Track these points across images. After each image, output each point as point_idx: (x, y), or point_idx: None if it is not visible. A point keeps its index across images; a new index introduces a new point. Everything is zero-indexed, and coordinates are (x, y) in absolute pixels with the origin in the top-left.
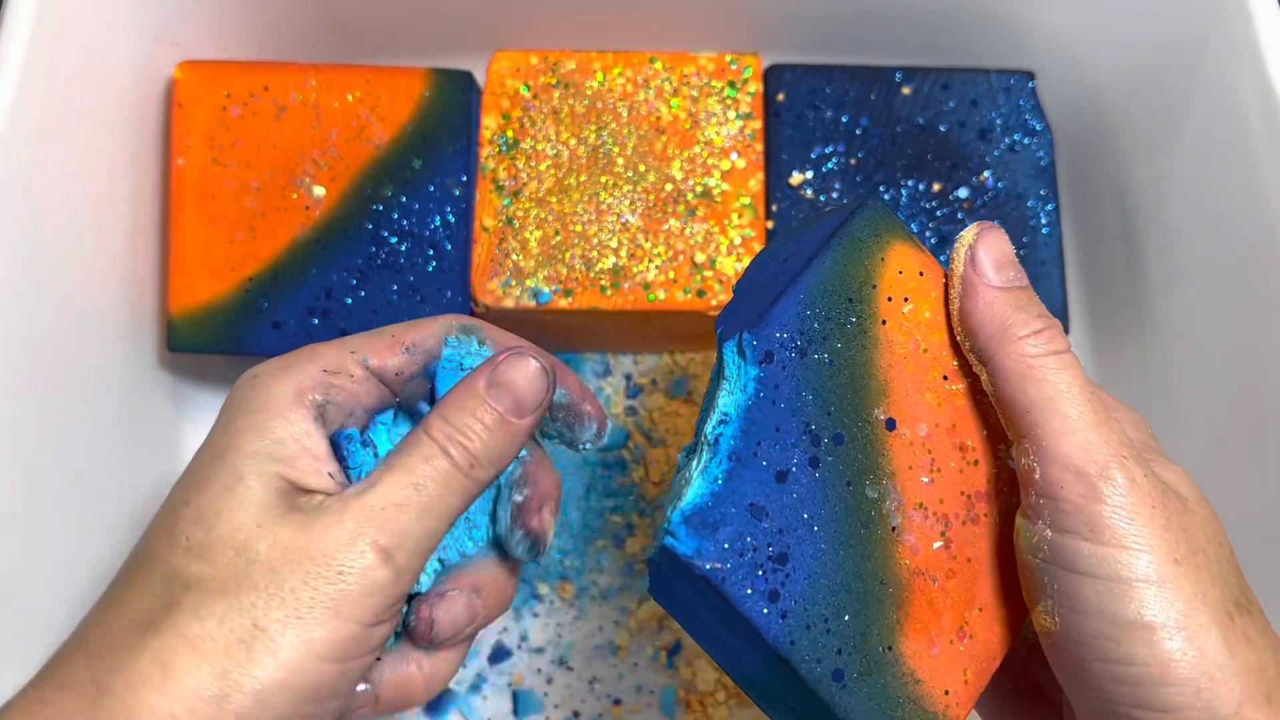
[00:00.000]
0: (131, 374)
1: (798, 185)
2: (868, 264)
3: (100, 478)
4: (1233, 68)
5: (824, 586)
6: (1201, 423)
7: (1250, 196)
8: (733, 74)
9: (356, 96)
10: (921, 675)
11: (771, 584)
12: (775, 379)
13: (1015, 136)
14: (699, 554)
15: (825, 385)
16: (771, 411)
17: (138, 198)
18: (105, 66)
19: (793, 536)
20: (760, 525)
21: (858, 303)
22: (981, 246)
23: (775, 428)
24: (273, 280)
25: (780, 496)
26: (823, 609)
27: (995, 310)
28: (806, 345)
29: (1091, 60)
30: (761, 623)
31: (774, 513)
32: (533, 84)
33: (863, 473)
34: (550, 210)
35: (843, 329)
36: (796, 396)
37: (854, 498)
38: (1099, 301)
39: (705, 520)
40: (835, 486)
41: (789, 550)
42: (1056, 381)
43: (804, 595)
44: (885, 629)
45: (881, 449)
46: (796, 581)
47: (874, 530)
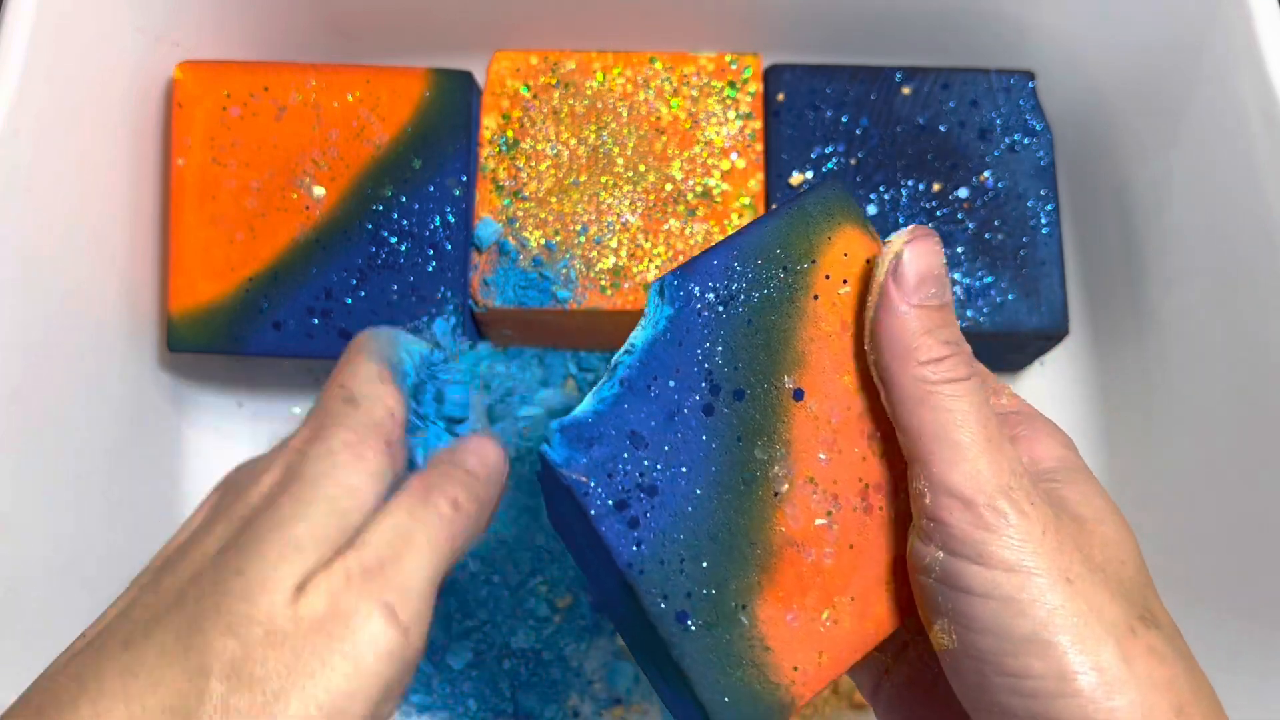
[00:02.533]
0: (131, 374)
1: (798, 185)
2: (812, 239)
3: (100, 478)
4: (1233, 68)
5: (688, 529)
6: (1201, 422)
7: (1250, 196)
8: (733, 74)
9: (356, 96)
10: (771, 644)
11: (634, 511)
12: (687, 323)
13: (1015, 136)
14: (567, 464)
15: (738, 342)
16: (676, 353)
17: (138, 198)
18: (105, 66)
19: (668, 474)
20: (637, 454)
21: (791, 273)
22: (908, 256)
23: (676, 369)
24: (273, 280)
25: (665, 433)
26: (681, 550)
27: (903, 329)
28: (728, 299)
29: (1091, 60)
30: (614, 543)
31: (654, 446)
32: (533, 84)
33: (756, 432)
34: (550, 210)
35: (768, 293)
36: (705, 345)
37: (742, 454)
38: (1099, 301)
39: (581, 435)
40: (724, 438)
41: (660, 485)
42: (951, 409)
43: (665, 531)
44: (743, 588)
45: (782, 415)
46: (660, 516)
47: (755, 490)
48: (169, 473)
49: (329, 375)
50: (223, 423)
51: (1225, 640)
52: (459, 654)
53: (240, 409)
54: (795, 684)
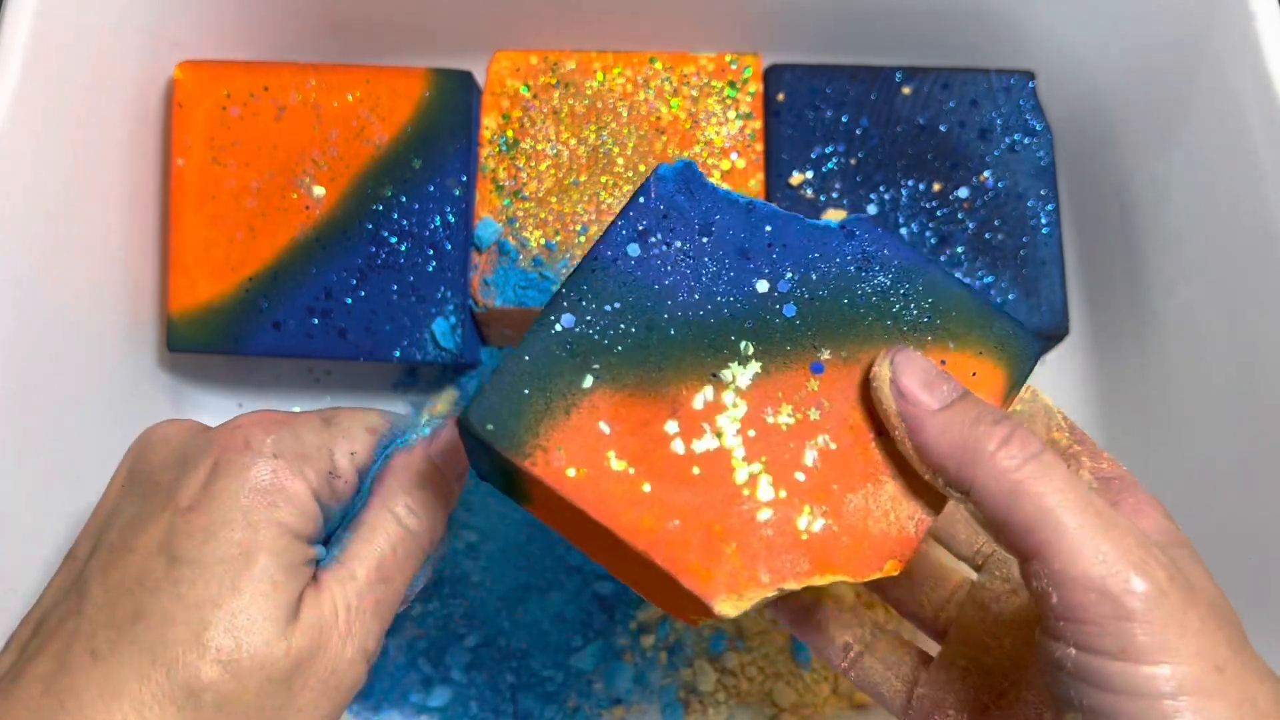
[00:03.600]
0: (131, 374)
1: (798, 185)
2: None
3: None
4: (1233, 68)
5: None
6: (1201, 422)
7: (1250, 196)
8: (733, 74)
9: (356, 96)
10: (563, 443)
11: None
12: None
13: (1015, 136)
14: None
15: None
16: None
17: (138, 198)
18: (105, 66)
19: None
20: (672, 226)
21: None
22: (902, 376)
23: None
24: (273, 280)
25: (687, 253)
26: (607, 306)
27: (952, 435)
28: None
29: (1091, 60)
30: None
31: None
32: (533, 84)
33: (758, 334)
34: (550, 210)
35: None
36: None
37: (743, 304)
38: (1099, 301)
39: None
40: (724, 281)
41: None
42: (1045, 492)
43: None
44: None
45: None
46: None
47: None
48: None
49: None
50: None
51: None
52: (458, 656)
53: (240, 409)
54: (548, 464)
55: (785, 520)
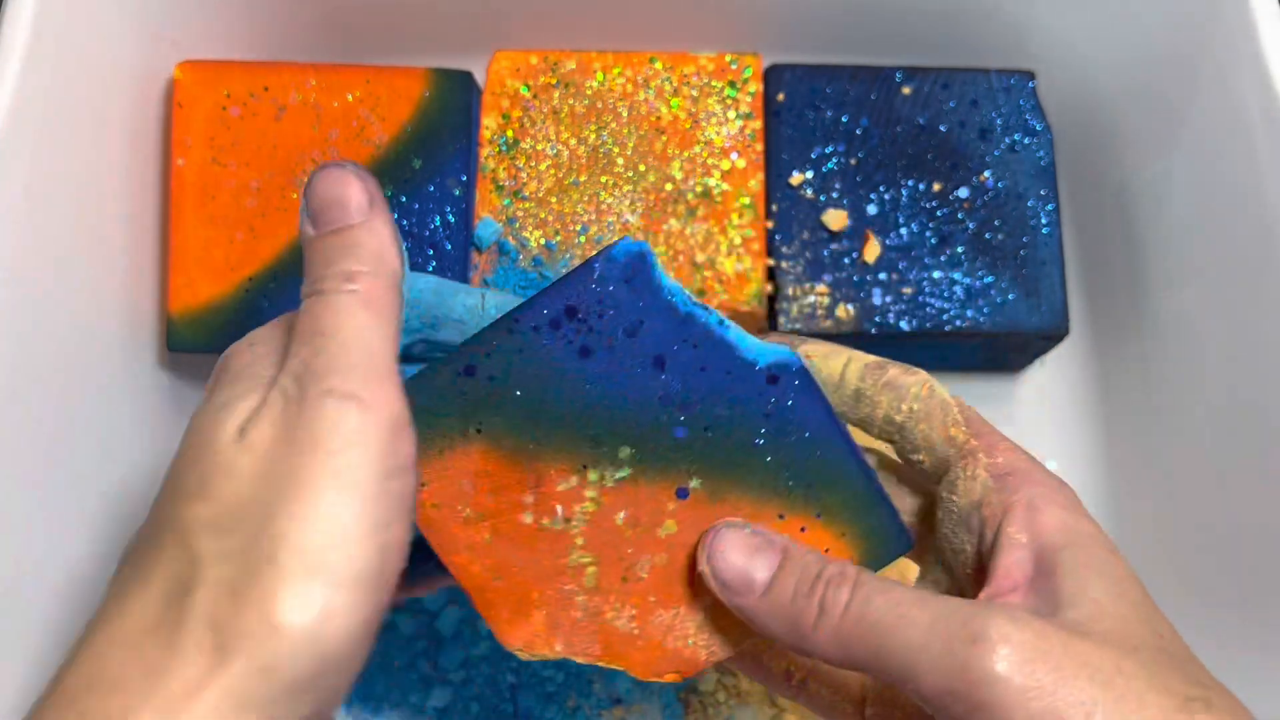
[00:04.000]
0: (131, 374)
1: (798, 185)
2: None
3: (100, 478)
4: (1233, 68)
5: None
6: (1201, 423)
7: (1250, 196)
8: (733, 74)
9: (356, 96)
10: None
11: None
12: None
13: (1015, 136)
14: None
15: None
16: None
17: (138, 198)
18: (105, 66)
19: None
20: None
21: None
22: (721, 571)
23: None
24: (273, 280)
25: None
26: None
27: (778, 619)
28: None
29: (1091, 60)
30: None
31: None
32: (533, 84)
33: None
34: (550, 210)
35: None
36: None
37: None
38: (1099, 301)
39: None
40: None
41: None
42: (870, 636)
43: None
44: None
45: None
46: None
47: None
48: None
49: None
50: None
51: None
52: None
53: None
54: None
55: (596, 610)
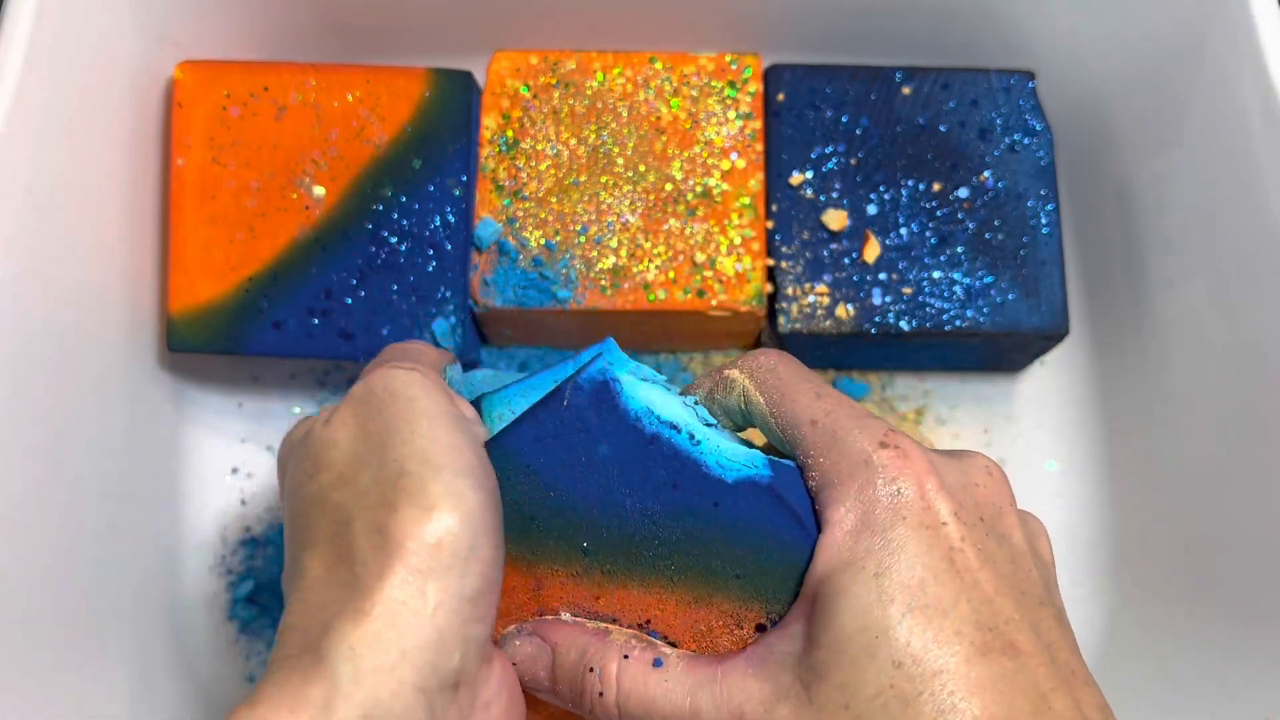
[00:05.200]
0: (131, 374)
1: (798, 185)
2: None
3: (100, 478)
4: (1233, 68)
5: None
6: (1201, 422)
7: (1250, 196)
8: (733, 74)
9: (356, 96)
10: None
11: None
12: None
13: (1015, 136)
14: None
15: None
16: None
17: (138, 198)
18: (105, 66)
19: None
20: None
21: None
22: (521, 678)
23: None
24: (273, 280)
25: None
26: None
27: (567, 703)
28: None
29: (1091, 60)
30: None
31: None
32: (533, 84)
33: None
34: (550, 210)
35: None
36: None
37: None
38: (1099, 301)
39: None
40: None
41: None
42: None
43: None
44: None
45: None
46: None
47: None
48: (169, 473)
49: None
50: (223, 423)
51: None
52: None
53: (240, 409)
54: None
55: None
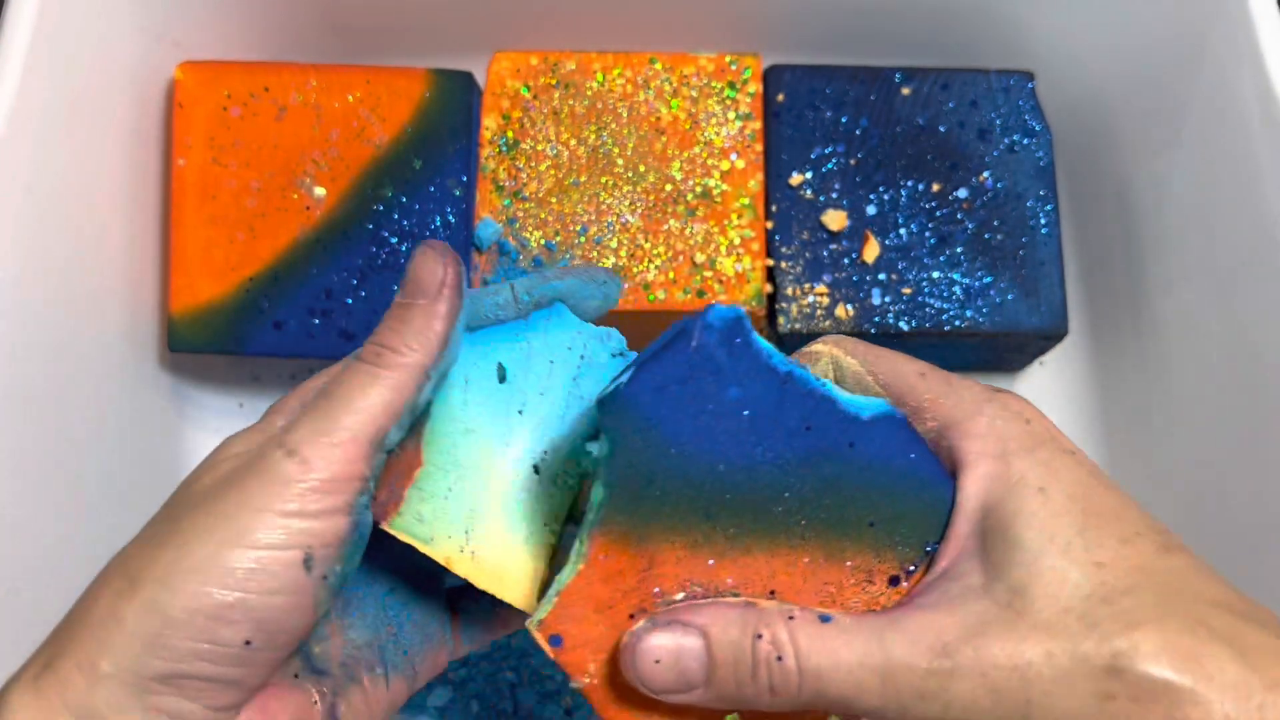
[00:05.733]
0: (132, 374)
1: (797, 185)
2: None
3: (100, 478)
4: (1233, 68)
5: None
6: (1201, 422)
7: (1250, 196)
8: (732, 74)
9: (357, 97)
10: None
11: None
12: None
13: (1015, 137)
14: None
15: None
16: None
17: (138, 198)
18: (105, 66)
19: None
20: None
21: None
22: (648, 684)
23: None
24: (273, 280)
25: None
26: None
27: (725, 702)
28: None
29: (1091, 60)
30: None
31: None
32: (533, 84)
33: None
34: (550, 210)
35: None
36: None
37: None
38: (1099, 301)
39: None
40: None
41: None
42: (831, 672)
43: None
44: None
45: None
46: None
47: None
48: (169, 473)
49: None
50: (223, 423)
51: None
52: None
53: (240, 409)
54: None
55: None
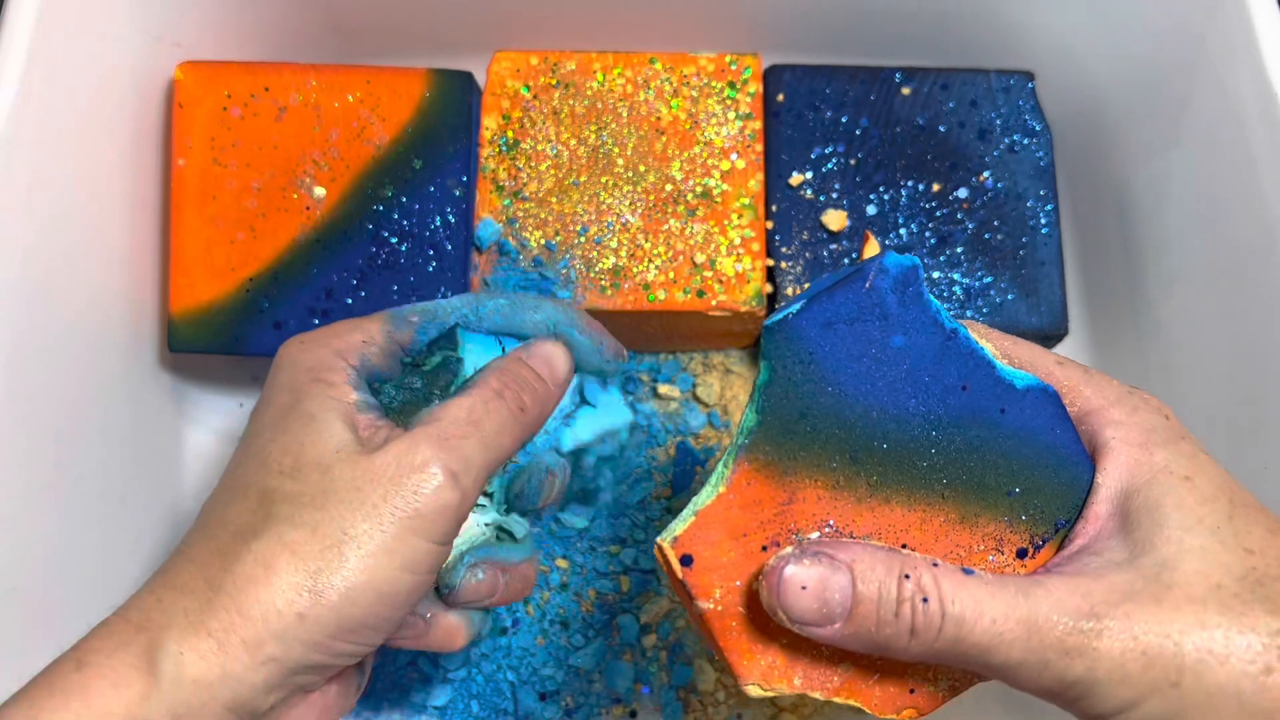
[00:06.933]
0: (132, 374)
1: (798, 185)
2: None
3: (100, 478)
4: (1232, 68)
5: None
6: (1200, 423)
7: (1250, 196)
8: (732, 74)
9: (357, 97)
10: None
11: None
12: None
13: (1015, 137)
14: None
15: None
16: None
17: (138, 198)
18: (105, 66)
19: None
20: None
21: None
22: (790, 610)
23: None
24: (273, 280)
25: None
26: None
27: (863, 643)
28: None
29: (1091, 60)
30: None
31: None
32: (533, 84)
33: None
34: (550, 211)
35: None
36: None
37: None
38: (1098, 301)
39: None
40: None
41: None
42: (969, 643)
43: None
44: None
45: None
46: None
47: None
48: (169, 473)
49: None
50: (223, 423)
51: None
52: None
53: (240, 409)
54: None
55: (853, 662)
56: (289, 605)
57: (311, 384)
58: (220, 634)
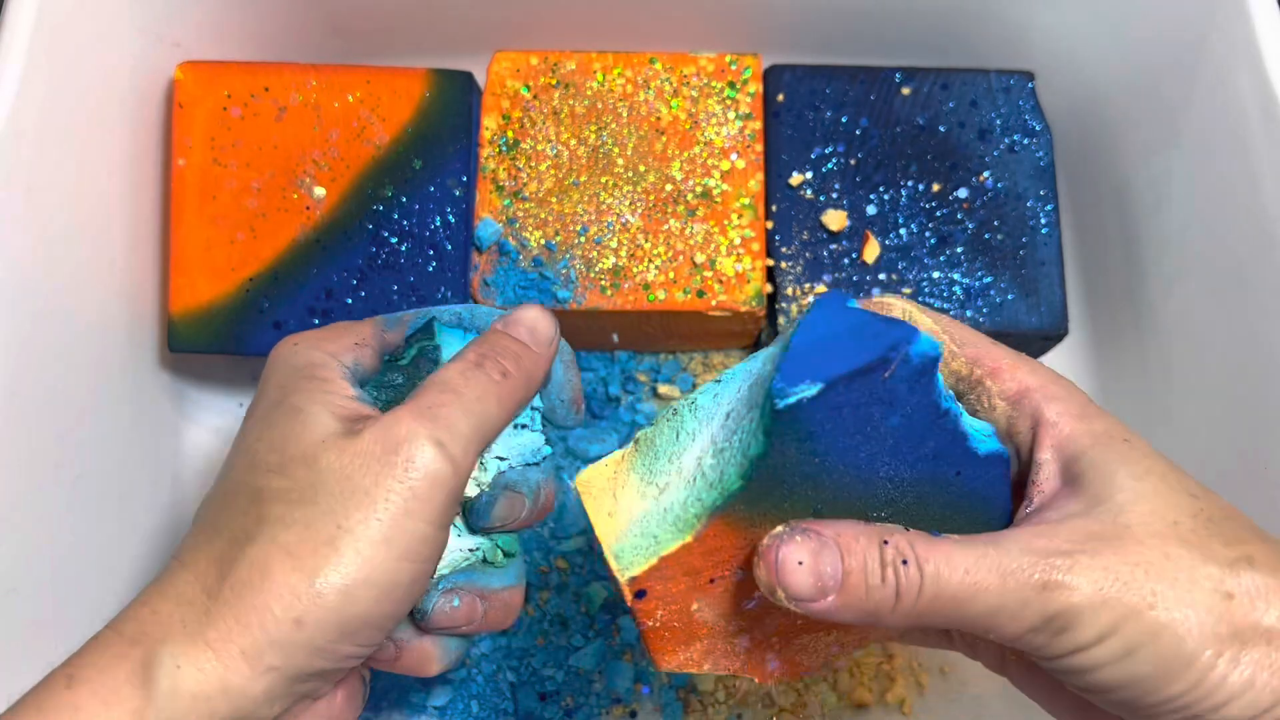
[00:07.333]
0: (132, 374)
1: (797, 185)
2: None
3: (100, 478)
4: (1232, 68)
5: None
6: (1200, 422)
7: (1250, 196)
8: (732, 74)
9: (357, 97)
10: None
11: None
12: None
13: (1015, 137)
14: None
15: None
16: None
17: (138, 198)
18: (105, 67)
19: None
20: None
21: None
22: (791, 590)
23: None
24: (273, 280)
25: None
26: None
27: (853, 612)
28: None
29: (1091, 60)
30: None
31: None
32: (533, 84)
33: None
34: (550, 211)
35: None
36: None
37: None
38: (1098, 301)
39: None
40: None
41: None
42: (950, 605)
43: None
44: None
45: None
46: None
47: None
48: (169, 473)
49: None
50: (223, 423)
51: None
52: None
53: (240, 409)
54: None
55: (750, 647)
56: (287, 611)
57: (301, 381)
58: (218, 644)
